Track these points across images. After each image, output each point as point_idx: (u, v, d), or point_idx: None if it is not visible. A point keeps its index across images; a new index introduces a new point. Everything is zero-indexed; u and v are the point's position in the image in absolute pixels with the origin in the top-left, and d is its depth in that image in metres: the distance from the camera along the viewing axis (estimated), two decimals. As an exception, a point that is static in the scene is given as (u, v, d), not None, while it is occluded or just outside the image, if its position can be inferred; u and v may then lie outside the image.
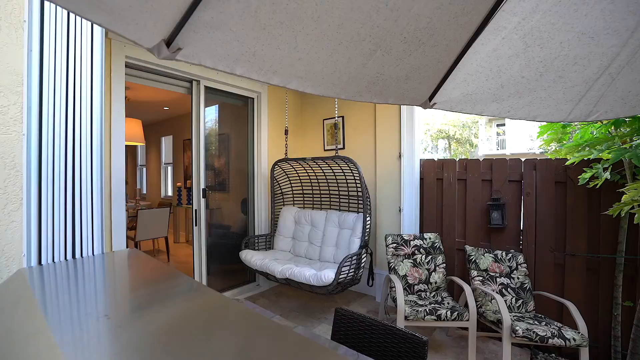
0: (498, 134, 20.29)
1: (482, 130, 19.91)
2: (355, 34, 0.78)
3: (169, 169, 7.64)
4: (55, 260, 1.11)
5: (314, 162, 3.38)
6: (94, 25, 1.32)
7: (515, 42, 0.94)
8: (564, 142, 2.84)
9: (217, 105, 3.94)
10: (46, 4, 1.19)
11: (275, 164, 3.70)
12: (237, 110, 4.06)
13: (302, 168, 3.68)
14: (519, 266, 2.80)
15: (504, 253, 2.86)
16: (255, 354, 0.76)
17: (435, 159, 3.44)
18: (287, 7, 0.72)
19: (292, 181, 3.91)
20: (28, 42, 1.00)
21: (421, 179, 3.47)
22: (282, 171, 3.80)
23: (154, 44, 0.72)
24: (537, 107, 1.12)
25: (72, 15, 1.23)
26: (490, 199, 3.08)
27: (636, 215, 2.02)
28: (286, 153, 3.81)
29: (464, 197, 3.27)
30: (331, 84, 0.92)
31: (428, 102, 1.23)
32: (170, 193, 7.59)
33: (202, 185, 3.35)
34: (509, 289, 2.72)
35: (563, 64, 0.96)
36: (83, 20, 1.24)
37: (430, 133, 19.21)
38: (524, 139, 17.22)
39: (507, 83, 1.07)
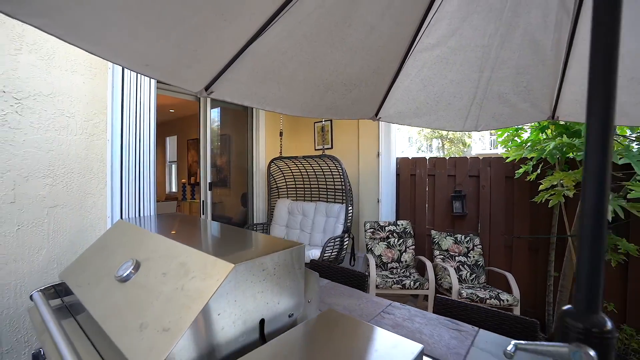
0: (491, 133, 20.87)
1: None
2: (313, 84, 1.33)
3: (174, 166, 8.17)
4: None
5: (305, 160, 3.93)
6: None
7: (418, 83, 1.49)
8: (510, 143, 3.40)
9: (219, 109, 4.48)
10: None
11: (272, 161, 4.25)
12: (238, 115, 4.60)
13: (295, 165, 4.22)
14: (475, 247, 3.36)
15: (463, 236, 3.42)
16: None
17: (410, 157, 4.00)
18: (274, 72, 1.27)
19: (286, 177, 4.46)
20: (112, 80, 1.54)
21: (397, 174, 4.03)
22: (278, 168, 4.35)
23: (198, 90, 1.27)
24: (442, 121, 1.68)
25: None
26: (454, 191, 3.65)
27: (550, 201, 2.59)
28: (281, 152, 4.36)
29: (433, 190, 3.83)
30: (302, 109, 1.47)
31: (375, 117, 1.79)
32: (174, 189, 8.12)
33: (209, 180, 3.89)
34: (465, 265, 3.28)
35: (448, 97, 1.52)
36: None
37: (424, 133, 19.79)
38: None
39: (420, 106, 1.62)
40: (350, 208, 3.62)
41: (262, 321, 0.86)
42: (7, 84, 1.27)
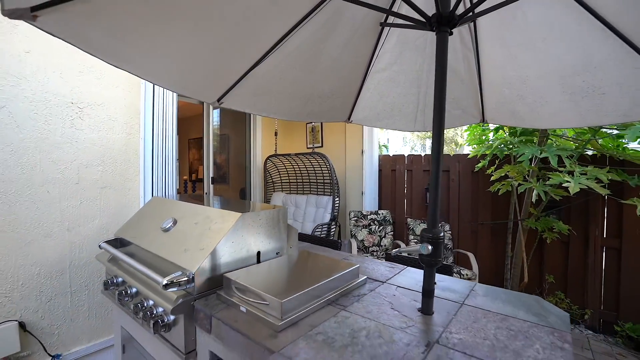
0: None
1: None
2: (297, 96, 1.82)
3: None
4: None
5: (298, 157, 4.41)
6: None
7: (376, 95, 1.98)
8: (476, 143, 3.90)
9: (218, 111, 4.95)
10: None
11: (268, 158, 4.73)
12: (236, 116, 5.08)
13: (289, 162, 4.70)
14: (445, 232, 3.85)
15: (435, 223, 3.92)
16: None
17: (391, 155, 4.50)
18: (268, 88, 1.75)
19: (280, 172, 4.94)
20: (144, 93, 2.02)
21: (380, 170, 4.53)
22: (273, 164, 4.83)
23: (212, 101, 1.75)
24: (398, 123, 2.17)
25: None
26: (428, 185, 4.14)
27: (500, 190, 3.09)
28: (276, 150, 4.84)
29: (411, 183, 4.33)
30: (289, 115, 1.95)
31: (348, 120, 2.28)
32: (176, 185, 8.56)
33: (211, 175, 4.37)
34: (436, 248, 3.78)
35: (399, 105, 2.01)
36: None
37: (417, 134, 20.41)
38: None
39: (380, 112, 2.11)
40: (337, 199, 4.10)
41: (258, 253, 1.35)
42: (73, 97, 1.74)
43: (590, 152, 3.06)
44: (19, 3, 0.80)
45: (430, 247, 1.02)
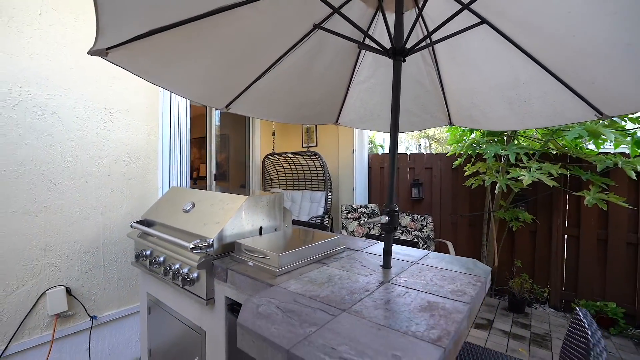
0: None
1: (459, 131, 21.44)
2: (291, 103, 2.19)
3: (176, 163, 8.92)
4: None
5: (294, 155, 4.77)
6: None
7: (358, 102, 2.36)
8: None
9: (218, 112, 5.30)
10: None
11: (266, 157, 5.09)
12: (236, 118, 5.43)
13: (286, 160, 5.07)
14: (428, 224, 4.24)
15: (419, 216, 4.30)
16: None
17: (379, 154, 4.88)
18: (268, 97, 2.12)
19: (278, 170, 5.30)
20: (162, 98, 2.38)
21: (370, 167, 4.91)
22: (271, 162, 5.19)
23: (221, 107, 2.12)
24: (378, 126, 2.55)
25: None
26: (413, 181, 4.53)
27: (473, 184, 3.48)
28: (274, 149, 5.20)
29: (398, 180, 4.71)
30: (285, 118, 2.33)
31: (336, 122, 2.65)
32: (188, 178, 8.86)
33: (214, 171, 4.73)
34: (419, 238, 4.16)
35: (378, 111, 2.38)
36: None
37: (411, 134, 20.88)
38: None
39: (362, 116, 2.49)
40: (329, 194, 4.47)
41: (260, 228, 1.72)
42: (106, 103, 2.10)
43: (568, 151, 3.45)
44: (99, 46, 1.16)
45: (387, 218, 1.40)
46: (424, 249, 4.08)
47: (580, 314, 1.17)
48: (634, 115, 2.63)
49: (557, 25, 1.37)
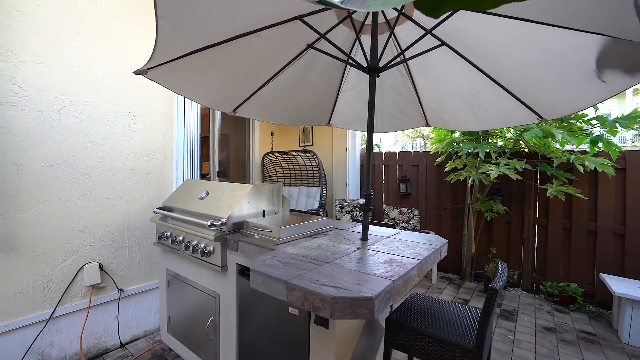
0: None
1: (453, 130, 21.87)
2: (288, 108, 2.56)
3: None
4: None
5: (291, 154, 5.14)
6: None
7: (346, 106, 2.73)
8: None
9: (219, 113, 5.65)
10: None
11: (265, 155, 5.45)
12: (237, 118, 5.78)
13: (283, 158, 5.43)
14: (414, 217, 4.62)
15: (406, 209, 4.68)
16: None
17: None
18: (269, 103, 2.48)
19: (276, 167, 5.67)
20: (176, 103, 2.74)
21: (362, 165, 5.28)
22: (270, 160, 5.55)
23: (229, 110, 2.49)
24: (364, 126, 2.92)
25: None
26: (401, 177, 4.91)
27: (452, 180, 3.86)
28: (272, 148, 5.56)
29: (387, 176, 5.09)
30: (282, 120, 2.70)
31: (328, 123, 3.03)
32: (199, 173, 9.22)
33: (217, 169, 5.09)
34: (406, 229, 4.54)
35: (363, 114, 2.75)
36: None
37: (406, 134, 21.30)
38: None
39: (351, 119, 2.86)
40: (324, 190, 4.85)
41: (263, 211, 2.09)
42: (130, 108, 2.46)
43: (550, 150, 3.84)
44: (142, 68, 1.53)
45: (364, 200, 1.77)
46: (410, 239, 4.46)
47: (501, 266, 1.54)
48: (587, 118, 3.02)
49: (495, 49, 1.75)
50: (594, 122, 3.00)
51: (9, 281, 1.94)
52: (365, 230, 1.82)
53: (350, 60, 1.88)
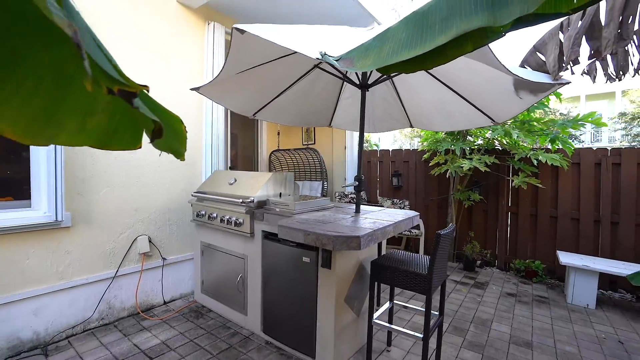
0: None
1: (449, 130, 22.50)
2: (295, 113, 3.17)
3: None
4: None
5: (296, 151, 5.74)
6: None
7: (344, 111, 3.34)
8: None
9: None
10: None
11: (272, 153, 6.06)
12: (246, 119, 6.38)
13: (289, 155, 6.03)
14: (405, 207, 5.23)
15: (398, 200, 5.29)
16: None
17: (367, 150, 5.86)
18: (280, 109, 3.09)
19: (282, 163, 6.27)
20: (205, 108, 3.34)
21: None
22: (277, 157, 6.16)
23: (250, 115, 3.10)
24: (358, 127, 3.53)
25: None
26: (394, 172, 5.52)
27: (435, 173, 4.48)
28: (278, 146, 6.17)
29: (381, 172, 5.70)
30: (289, 122, 3.31)
31: (329, 125, 3.64)
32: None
33: (229, 165, 5.68)
34: (397, 217, 5.15)
35: (357, 118, 3.37)
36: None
37: (404, 133, 21.96)
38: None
39: (349, 120, 3.46)
40: (325, 184, 5.45)
41: (280, 193, 2.70)
42: (171, 113, 3.08)
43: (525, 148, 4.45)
44: (196, 86, 2.14)
45: (357, 182, 2.38)
46: (401, 226, 5.07)
47: (450, 229, 2.15)
48: (544, 120, 3.64)
49: (452, 72, 2.37)
50: (549, 123, 3.61)
51: (90, 246, 2.56)
52: (358, 205, 2.43)
53: (346, 79, 2.49)
